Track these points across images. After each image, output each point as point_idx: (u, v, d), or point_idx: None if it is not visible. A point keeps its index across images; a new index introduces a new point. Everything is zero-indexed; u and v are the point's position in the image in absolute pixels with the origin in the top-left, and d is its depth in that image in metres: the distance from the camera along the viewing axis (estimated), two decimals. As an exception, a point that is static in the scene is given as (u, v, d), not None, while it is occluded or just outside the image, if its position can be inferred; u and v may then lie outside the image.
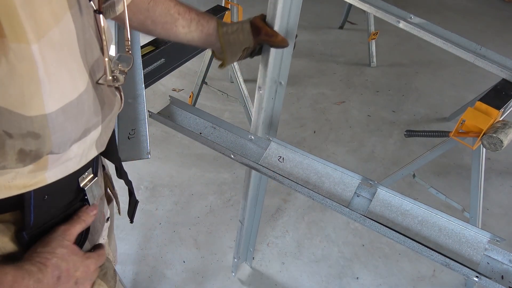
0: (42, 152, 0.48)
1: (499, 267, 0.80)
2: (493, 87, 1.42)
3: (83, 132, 0.54)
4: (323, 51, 3.17)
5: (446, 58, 3.04)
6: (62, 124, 0.48)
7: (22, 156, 0.46)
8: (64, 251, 0.57)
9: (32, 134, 0.45)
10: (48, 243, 0.56)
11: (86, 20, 0.50)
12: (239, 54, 0.88)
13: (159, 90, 2.69)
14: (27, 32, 0.40)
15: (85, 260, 0.60)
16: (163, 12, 0.80)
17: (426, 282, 1.71)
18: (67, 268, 0.57)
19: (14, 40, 0.40)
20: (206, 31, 0.85)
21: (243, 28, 0.85)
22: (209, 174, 2.13)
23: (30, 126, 0.45)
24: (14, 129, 0.44)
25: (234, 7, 2.15)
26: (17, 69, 0.41)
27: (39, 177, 0.51)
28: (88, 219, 0.62)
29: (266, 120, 1.09)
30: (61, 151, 0.51)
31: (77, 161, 0.57)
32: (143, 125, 0.99)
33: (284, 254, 1.79)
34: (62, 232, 0.58)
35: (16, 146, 0.45)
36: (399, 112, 2.61)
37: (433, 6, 3.87)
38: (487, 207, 2.01)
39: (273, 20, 0.87)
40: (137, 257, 1.74)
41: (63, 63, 0.46)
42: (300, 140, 2.36)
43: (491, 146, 1.32)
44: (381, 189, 0.91)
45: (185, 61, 1.70)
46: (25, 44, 0.41)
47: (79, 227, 0.61)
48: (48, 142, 0.48)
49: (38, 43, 0.42)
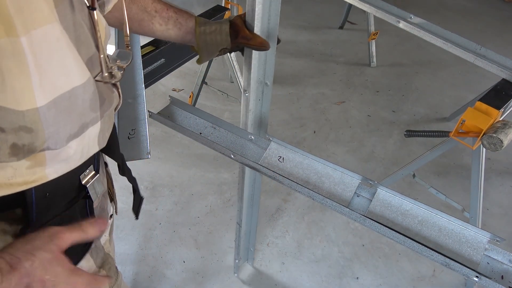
0: (36, 146, 0.48)
1: (499, 267, 0.80)
2: (493, 87, 1.42)
3: (80, 128, 0.53)
4: (323, 51, 3.17)
5: (446, 58, 3.04)
6: (55, 118, 0.48)
7: (15, 150, 0.46)
8: (47, 256, 0.48)
9: (24, 128, 0.45)
10: (31, 240, 0.48)
11: (79, 16, 0.50)
12: (215, 54, 0.88)
13: (159, 90, 2.69)
14: (16, 25, 0.41)
15: (71, 276, 0.49)
16: (140, 10, 0.80)
17: (426, 282, 1.71)
18: (42, 279, 0.47)
19: (3, 34, 0.40)
20: (184, 30, 0.85)
21: (221, 29, 0.84)
22: (209, 174, 2.13)
23: (22, 120, 0.45)
24: (6, 124, 0.44)
25: (234, 7, 2.15)
26: (6, 64, 0.41)
27: (39, 174, 0.51)
28: (91, 232, 0.54)
29: (255, 123, 1.09)
30: (58, 146, 0.51)
31: (78, 158, 0.56)
32: (143, 125, 0.99)
33: (284, 254, 1.79)
34: (54, 233, 0.50)
35: (8, 140, 0.45)
36: (399, 112, 2.61)
37: (433, 6, 3.87)
38: (487, 207, 2.01)
39: (252, 22, 0.85)
40: (137, 257, 1.74)
41: (55, 57, 0.46)
42: (300, 140, 2.36)
43: (491, 146, 1.32)
44: (381, 189, 0.91)
45: (185, 61, 1.70)
46: (14, 37, 0.41)
47: (77, 236, 0.52)
48: (41, 136, 0.48)
49: (27, 36, 0.42)
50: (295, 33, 3.33)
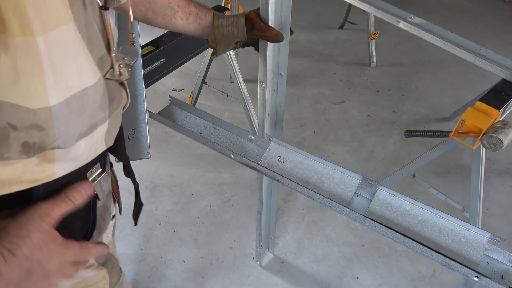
0: (46, 145, 0.48)
1: (499, 267, 0.80)
2: (493, 87, 1.42)
3: (89, 127, 0.53)
4: (323, 51, 3.17)
5: (446, 58, 3.04)
6: (66, 117, 0.48)
7: (26, 148, 0.46)
8: (41, 236, 0.48)
9: (36, 127, 0.46)
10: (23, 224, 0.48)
11: (91, 16, 0.50)
12: (231, 47, 0.91)
13: (159, 90, 2.69)
14: (33, 25, 0.41)
15: (62, 250, 0.51)
16: (164, 4, 0.83)
17: (426, 282, 1.71)
18: (39, 259, 0.48)
19: (19, 33, 0.40)
20: (203, 24, 0.88)
21: (238, 22, 0.87)
22: (209, 174, 2.13)
23: (34, 118, 0.45)
24: (18, 122, 0.44)
25: (234, 7, 2.15)
26: (21, 63, 0.41)
27: (48, 172, 0.51)
28: (78, 198, 0.53)
29: (271, 113, 1.10)
30: (68, 145, 0.51)
31: (86, 156, 0.57)
32: (143, 125, 0.99)
33: (284, 254, 1.79)
34: (43, 212, 0.50)
35: (20, 138, 0.45)
36: (399, 112, 2.61)
37: (433, 6, 3.87)
38: (487, 207, 2.01)
39: (266, 16, 0.88)
40: (137, 257, 1.74)
41: (69, 58, 0.46)
42: (300, 140, 2.36)
43: (491, 146, 1.32)
44: (381, 189, 0.91)
45: (185, 61, 1.70)
46: (31, 36, 0.41)
47: (65, 208, 0.52)
48: (52, 135, 0.48)
49: (43, 36, 0.42)
50: (295, 33, 3.31)
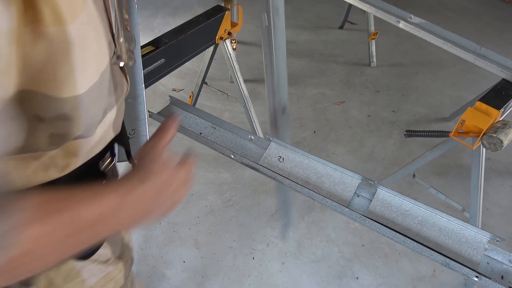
0: (71, 134, 0.48)
1: (499, 267, 0.80)
2: (493, 87, 1.42)
3: (103, 113, 0.53)
4: (323, 51, 3.17)
5: (446, 58, 3.04)
6: (88, 105, 0.48)
7: (53, 139, 0.47)
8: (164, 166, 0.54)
9: (63, 116, 0.45)
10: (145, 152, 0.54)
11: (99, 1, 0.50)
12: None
13: (159, 90, 2.69)
14: (63, 13, 0.40)
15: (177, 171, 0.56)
16: None
17: (426, 282, 1.71)
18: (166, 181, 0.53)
19: (51, 23, 0.40)
20: None
21: None
22: (209, 174, 2.13)
23: (62, 108, 0.45)
24: (46, 113, 0.44)
25: (234, 7, 2.14)
26: (53, 52, 0.41)
27: (70, 163, 0.52)
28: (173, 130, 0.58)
29: None
30: (89, 134, 0.51)
31: (100, 145, 0.57)
32: (143, 125, 0.98)
33: (284, 254, 1.79)
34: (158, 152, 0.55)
35: (48, 129, 0.45)
36: (399, 112, 2.61)
37: (433, 6, 3.87)
38: (487, 207, 2.01)
39: None
40: (137, 257, 1.74)
41: (91, 43, 0.46)
42: (300, 140, 2.36)
43: (491, 146, 1.32)
44: (381, 189, 0.91)
45: (185, 61, 1.70)
46: (62, 26, 0.40)
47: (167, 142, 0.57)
48: (78, 124, 0.48)
49: (73, 24, 0.41)
50: (295, 33, 3.33)
